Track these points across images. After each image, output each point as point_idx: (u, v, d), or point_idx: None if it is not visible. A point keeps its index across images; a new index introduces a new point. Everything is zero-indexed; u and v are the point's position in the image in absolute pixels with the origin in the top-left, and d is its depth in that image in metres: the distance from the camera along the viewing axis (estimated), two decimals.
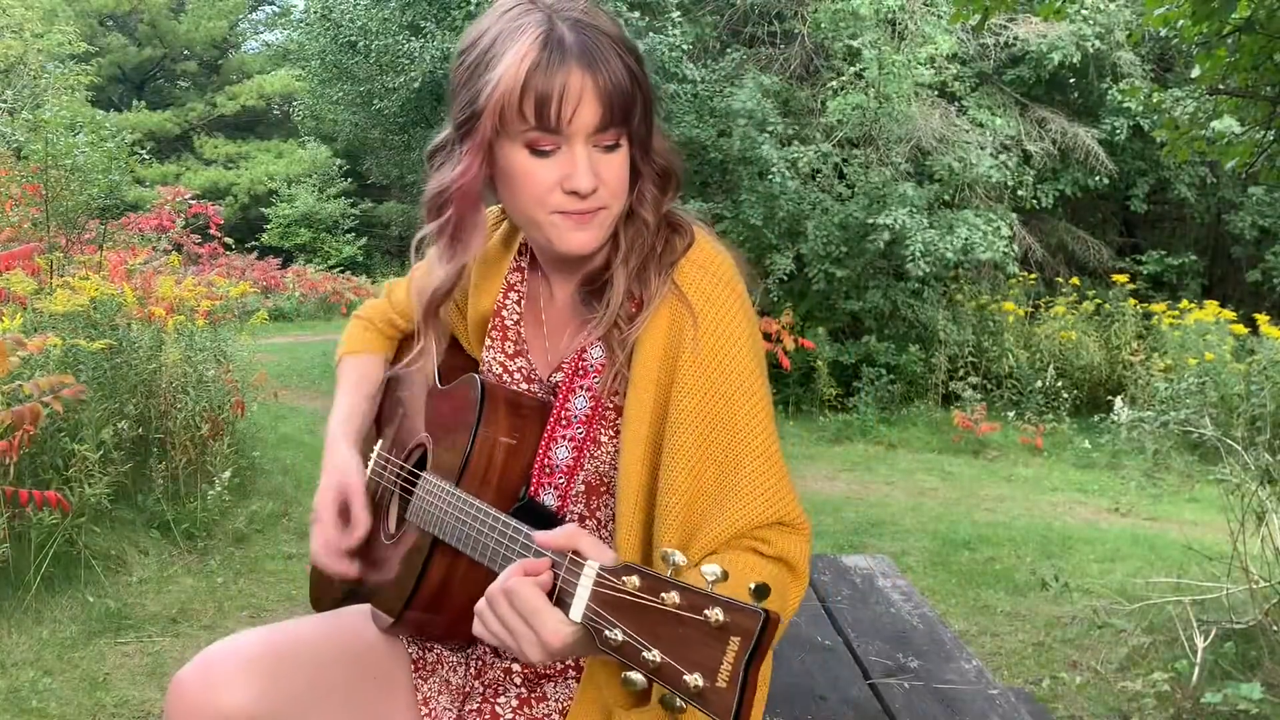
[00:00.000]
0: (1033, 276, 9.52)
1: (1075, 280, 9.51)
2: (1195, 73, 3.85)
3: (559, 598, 0.95)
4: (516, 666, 1.29)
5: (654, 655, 0.85)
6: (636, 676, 0.86)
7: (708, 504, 1.14)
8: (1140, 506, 5.77)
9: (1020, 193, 8.87)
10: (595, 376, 1.25)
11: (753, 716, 1.24)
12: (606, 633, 0.89)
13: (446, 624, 1.26)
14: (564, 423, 1.25)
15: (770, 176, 7.93)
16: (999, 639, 3.71)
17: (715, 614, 0.84)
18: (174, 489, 4.49)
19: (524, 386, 1.32)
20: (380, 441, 1.46)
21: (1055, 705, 3.10)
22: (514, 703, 1.27)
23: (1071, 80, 9.64)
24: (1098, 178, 9.32)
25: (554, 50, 1.11)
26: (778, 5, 9.24)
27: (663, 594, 0.86)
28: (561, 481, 1.25)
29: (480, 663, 1.32)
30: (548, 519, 1.22)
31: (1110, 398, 7.01)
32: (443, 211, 1.23)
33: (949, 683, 2.03)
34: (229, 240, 12.52)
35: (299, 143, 25.00)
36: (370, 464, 1.44)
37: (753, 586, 0.85)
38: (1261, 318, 7.10)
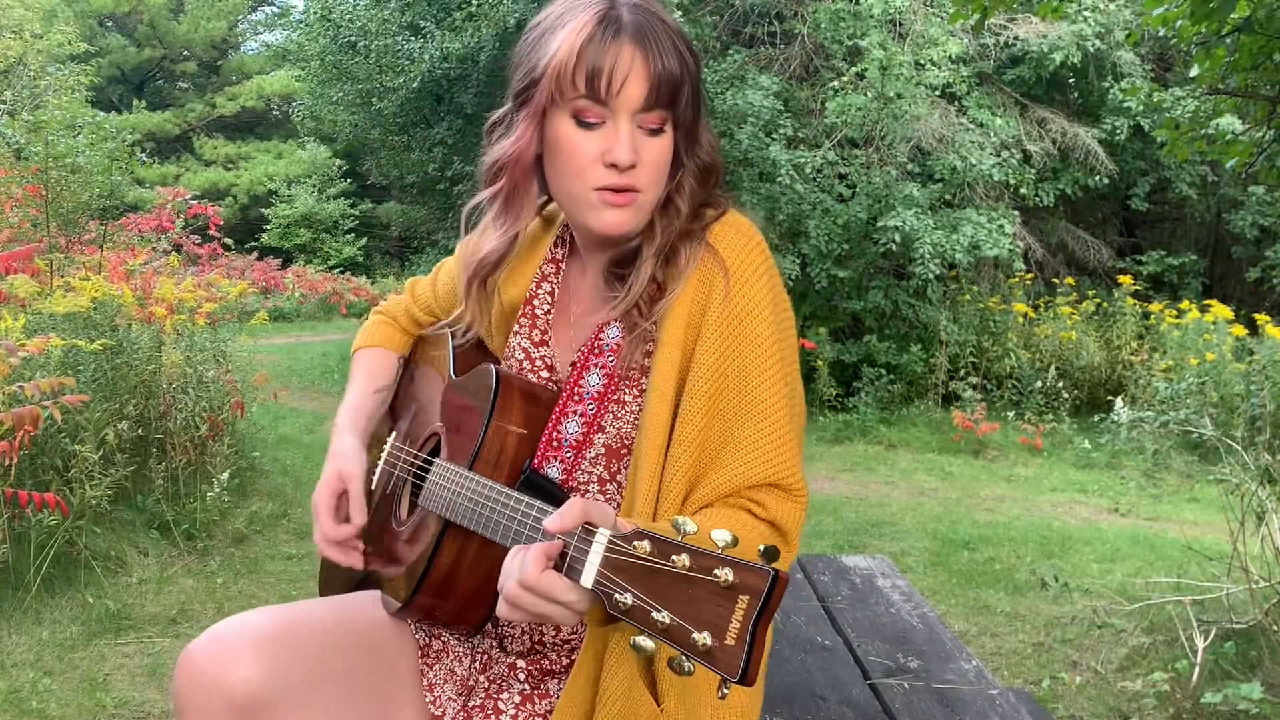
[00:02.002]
0: (1030, 275, 9.52)
1: (1070, 280, 9.51)
2: (1194, 72, 3.85)
3: (570, 565, 0.95)
4: (521, 663, 1.30)
5: (663, 616, 0.86)
6: (645, 642, 0.87)
7: (711, 458, 1.16)
8: (1140, 506, 5.77)
9: (1022, 191, 8.88)
10: (610, 355, 1.26)
11: (753, 703, 1.25)
12: (617, 596, 0.89)
13: (455, 609, 1.26)
14: (576, 398, 1.27)
15: (778, 178, 7.93)
16: (999, 639, 3.71)
17: (725, 574, 0.84)
18: (174, 490, 4.49)
19: (544, 374, 1.33)
20: (393, 434, 1.47)
21: (1055, 705, 3.10)
22: (516, 699, 1.27)
23: (1071, 80, 9.64)
24: (1098, 177, 9.32)
25: (610, 26, 1.17)
26: (777, 5, 9.24)
27: (673, 556, 0.87)
28: (569, 455, 1.26)
29: (485, 656, 1.32)
30: (551, 491, 1.23)
31: (1110, 398, 7.02)
32: (497, 180, 1.29)
33: (949, 683, 2.03)
34: (229, 241, 12.53)
35: (298, 143, 24.98)
36: (384, 455, 1.46)
37: (762, 549, 0.86)
38: (1262, 317, 7.10)
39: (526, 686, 1.29)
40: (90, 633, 3.44)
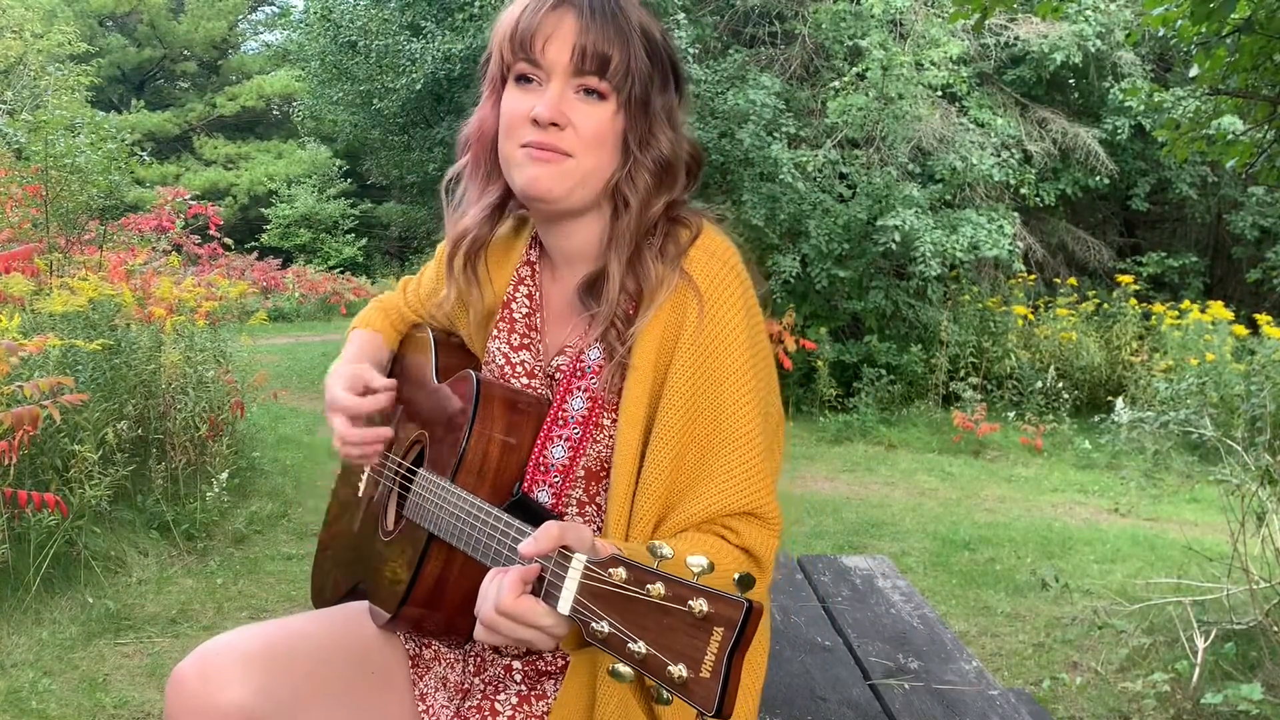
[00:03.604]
0: (1032, 277, 9.53)
1: (1073, 281, 9.51)
2: (1194, 72, 3.85)
3: (548, 591, 0.94)
4: (517, 664, 1.29)
5: (639, 646, 0.86)
6: (624, 669, 0.87)
7: (685, 485, 1.16)
8: (1140, 507, 5.77)
9: (1023, 191, 8.87)
10: (593, 377, 1.25)
11: (748, 711, 1.25)
12: (594, 625, 0.89)
13: (444, 620, 1.26)
14: (561, 423, 1.26)
15: (779, 177, 7.93)
16: (999, 640, 3.71)
17: (699, 605, 0.84)
18: (173, 490, 4.49)
19: (524, 380, 1.32)
20: None
21: (1055, 706, 3.10)
22: (513, 700, 1.27)
23: (1072, 80, 9.64)
24: (1098, 178, 9.32)
25: None
26: (778, 6, 9.23)
27: (648, 585, 0.87)
28: (557, 480, 1.26)
29: (479, 659, 1.32)
30: (541, 515, 1.22)
31: (1110, 398, 7.02)
32: (465, 152, 1.32)
33: (949, 683, 2.03)
34: (228, 241, 12.53)
35: (299, 143, 25.02)
36: None
37: (736, 577, 0.86)
38: (1262, 318, 7.10)
39: (523, 688, 1.28)
40: (90, 633, 3.44)
